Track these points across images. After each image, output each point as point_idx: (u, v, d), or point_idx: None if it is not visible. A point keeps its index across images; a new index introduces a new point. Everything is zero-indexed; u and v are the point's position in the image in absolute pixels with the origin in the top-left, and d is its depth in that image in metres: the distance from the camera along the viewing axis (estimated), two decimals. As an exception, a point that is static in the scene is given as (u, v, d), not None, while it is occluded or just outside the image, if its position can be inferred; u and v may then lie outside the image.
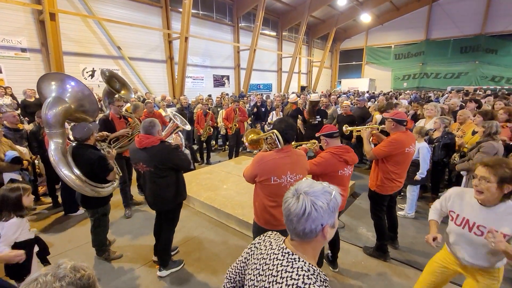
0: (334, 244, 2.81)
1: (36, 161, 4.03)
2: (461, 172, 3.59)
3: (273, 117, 7.60)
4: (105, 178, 2.72)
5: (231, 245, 3.30)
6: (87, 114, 2.96)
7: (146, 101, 5.40)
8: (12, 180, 3.26)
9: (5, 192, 2.07)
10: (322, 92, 16.83)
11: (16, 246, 2.08)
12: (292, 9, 18.04)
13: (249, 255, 1.07)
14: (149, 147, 2.43)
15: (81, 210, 4.06)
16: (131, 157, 2.65)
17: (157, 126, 2.53)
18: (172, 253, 3.02)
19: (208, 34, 13.94)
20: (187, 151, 5.83)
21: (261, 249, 1.02)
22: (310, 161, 2.44)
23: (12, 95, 7.28)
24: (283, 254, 0.92)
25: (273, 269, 0.91)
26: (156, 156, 2.45)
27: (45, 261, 2.35)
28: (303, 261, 0.89)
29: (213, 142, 8.49)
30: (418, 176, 3.64)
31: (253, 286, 0.98)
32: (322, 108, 6.55)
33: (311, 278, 0.84)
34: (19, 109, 6.65)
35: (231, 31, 15.89)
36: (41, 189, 4.57)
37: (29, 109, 6.43)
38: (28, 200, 2.16)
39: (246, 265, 1.07)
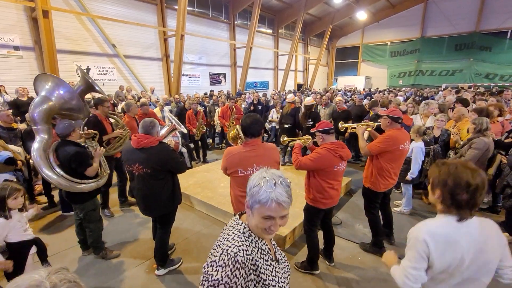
0: (329, 239, 2.86)
1: (31, 161, 3.99)
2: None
3: (273, 114, 7.63)
4: (84, 174, 2.70)
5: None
6: (74, 112, 3.10)
7: (141, 101, 5.36)
8: (5, 181, 3.23)
9: None
10: (315, 90, 16.87)
11: (10, 246, 2.07)
12: (288, 6, 18.00)
13: None
14: (147, 148, 2.36)
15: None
16: (125, 158, 2.48)
17: (157, 127, 2.49)
18: (169, 251, 3.03)
19: (204, 32, 13.86)
20: (184, 150, 5.83)
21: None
22: (305, 157, 2.52)
23: (6, 93, 7.19)
24: (234, 219, 1.09)
25: (225, 228, 1.08)
26: (155, 157, 2.37)
27: (44, 262, 2.35)
28: (244, 226, 1.02)
29: (210, 140, 8.49)
30: (409, 177, 3.65)
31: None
32: (321, 106, 6.63)
33: (240, 237, 0.98)
34: (13, 108, 6.56)
35: (227, 29, 15.81)
36: (37, 188, 4.53)
37: (23, 108, 6.34)
38: (15, 203, 2.11)
39: None
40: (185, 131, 3.09)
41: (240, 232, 1.00)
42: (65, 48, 9.20)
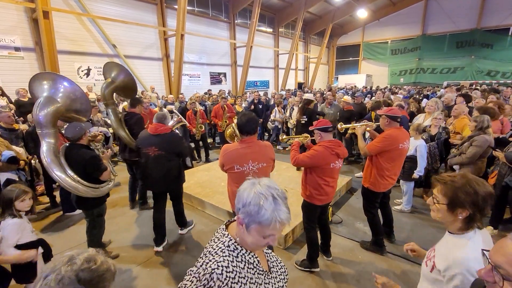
0: (325, 234, 2.91)
1: (32, 161, 4.01)
2: (454, 167, 3.64)
3: (276, 114, 7.64)
4: (98, 178, 2.69)
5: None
6: (80, 114, 3.01)
7: (141, 99, 5.40)
8: (8, 180, 3.26)
9: (3, 191, 2.08)
10: (314, 89, 16.83)
11: (21, 248, 2.08)
12: (288, 5, 17.95)
13: None
14: (162, 134, 2.93)
15: (80, 210, 4.07)
16: (142, 142, 2.98)
17: (168, 118, 3.13)
18: (161, 246, 3.16)
19: (204, 31, 13.85)
20: (184, 149, 5.84)
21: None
22: (303, 154, 2.55)
23: (5, 95, 7.20)
24: (220, 230, 1.04)
25: (211, 239, 1.04)
26: (168, 142, 2.94)
27: (48, 261, 2.35)
28: (230, 238, 0.97)
29: (210, 139, 8.50)
30: (415, 174, 3.66)
31: None
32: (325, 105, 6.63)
33: (224, 251, 0.93)
34: (14, 109, 6.58)
35: (227, 28, 15.79)
36: (39, 189, 4.56)
37: (24, 108, 6.37)
38: (22, 205, 2.09)
39: None
40: (188, 124, 3.60)
41: (224, 246, 0.94)
42: (66, 49, 9.22)
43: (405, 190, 3.94)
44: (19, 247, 2.08)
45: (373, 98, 8.64)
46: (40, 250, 2.24)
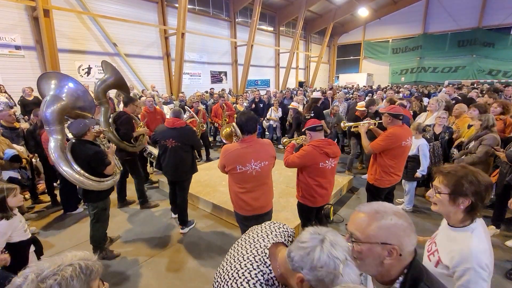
0: None
1: (33, 160, 4.01)
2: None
3: (271, 113, 7.63)
4: (103, 172, 2.77)
5: (230, 240, 3.32)
6: (85, 111, 3.07)
7: (146, 97, 5.41)
8: (11, 179, 3.27)
9: None
10: (317, 88, 16.81)
11: (10, 246, 2.09)
12: (289, 3, 17.90)
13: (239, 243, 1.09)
14: (178, 128, 3.23)
15: (80, 209, 4.07)
16: (160, 135, 3.25)
17: (183, 114, 3.48)
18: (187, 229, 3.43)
19: (204, 30, 13.82)
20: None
21: (257, 231, 1.02)
22: (293, 154, 2.59)
23: (6, 93, 7.21)
24: (262, 252, 0.93)
25: (245, 254, 0.94)
26: (184, 135, 3.24)
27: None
28: (270, 270, 0.88)
29: (211, 138, 8.49)
30: (418, 174, 3.66)
31: (226, 257, 1.02)
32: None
33: (262, 286, 0.86)
34: (16, 107, 6.60)
35: (228, 27, 15.76)
36: (40, 188, 4.56)
37: (28, 107, 6.41)
38: (14, 200, 2.09)
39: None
40: (198, 119, 3.84)
41: (263, 279, 0.87)
42: (66, 47, 9.21)
43: (407, 190, 3.93)
44: (10, 246, 2.08)
45: (369, 99, 8.60)
46: (32, 248, 2.26)
